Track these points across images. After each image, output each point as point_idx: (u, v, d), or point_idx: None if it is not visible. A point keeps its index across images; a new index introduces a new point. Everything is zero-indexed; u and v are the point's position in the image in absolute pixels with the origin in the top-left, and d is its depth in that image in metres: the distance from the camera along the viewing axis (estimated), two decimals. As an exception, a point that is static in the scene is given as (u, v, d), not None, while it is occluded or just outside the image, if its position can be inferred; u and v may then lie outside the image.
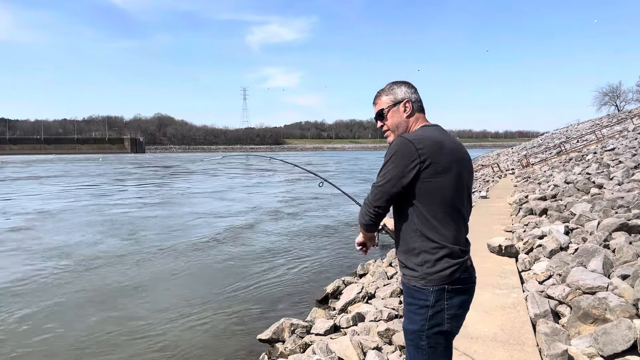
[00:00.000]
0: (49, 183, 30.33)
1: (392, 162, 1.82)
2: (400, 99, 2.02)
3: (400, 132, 2.02)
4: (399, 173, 1.81)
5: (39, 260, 9.61)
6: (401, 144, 1.82)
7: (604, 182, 9.54)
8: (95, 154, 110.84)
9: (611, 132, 26.93)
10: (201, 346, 5.44)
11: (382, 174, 1.85)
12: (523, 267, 5.64)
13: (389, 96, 2.04)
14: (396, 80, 2.09)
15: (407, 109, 2.02)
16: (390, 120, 2.04)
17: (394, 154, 1.82)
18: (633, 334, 3.12)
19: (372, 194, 1.89)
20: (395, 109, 2.03)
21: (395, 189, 1.84)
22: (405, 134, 1.93)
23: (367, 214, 1.92)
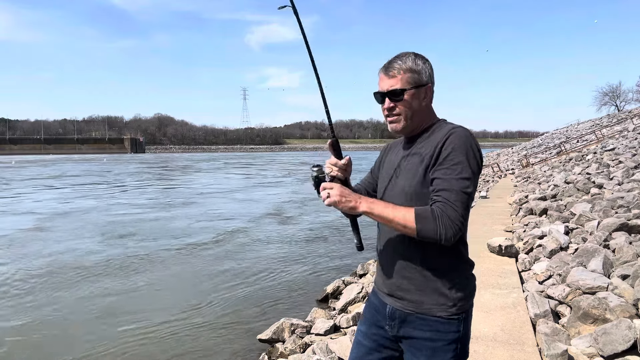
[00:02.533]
0: (66, 184, 30.31)
1: (473, 158, 1.47)
2: (425, 82, 1.59)
3: (415, 123, 1.61)
4: (476, 172, 1.48)
5: (43, 261, 9.61)
6: (469, 135, 1.50)
7: (604, 182, 9.55)
8: (95, 154, 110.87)
9: (611, 132, 26.94)
10: (201, 346, 5.44)
11: (462, 174, 1.43)
12: (523, 267, 5.64)
13: (413, 74, 1.57)
14: (419, 54, 1.63)
15: (428, 96, 1.62)
16: (407, 104, 1.58)
17: (470, 147, 1.47)
18: (633, 334, 3.12)
19: (459, 203, 1.41)
20: (416, 93, 1.58)
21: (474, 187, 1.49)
22: (451, 124, 1.60)
23: (454, 227, 1.40)
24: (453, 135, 1.49)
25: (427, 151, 1.53)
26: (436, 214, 1.40)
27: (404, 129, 1.62)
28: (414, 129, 1.63)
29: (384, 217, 1.47)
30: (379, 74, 1.63)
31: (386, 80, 1.59)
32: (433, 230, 1.40)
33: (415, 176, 1.55)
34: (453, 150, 1.46)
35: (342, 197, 1.51)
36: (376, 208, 1.48)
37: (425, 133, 1.62)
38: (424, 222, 1.41)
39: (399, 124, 1.61)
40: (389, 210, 1.47)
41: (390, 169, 1.72)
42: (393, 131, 1.64)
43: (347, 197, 1.51)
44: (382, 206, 1.49)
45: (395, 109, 1.60)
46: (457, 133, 1.50)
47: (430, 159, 1.51)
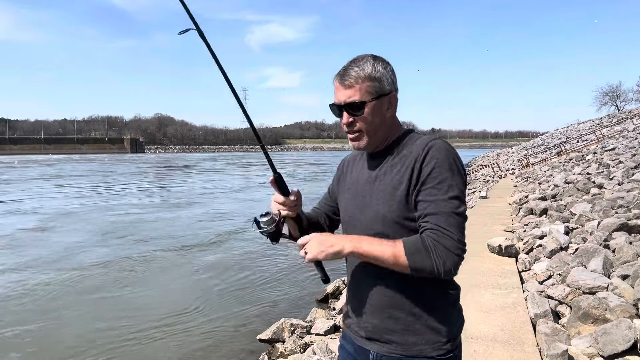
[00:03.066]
0: (70, 184, 30.30)
1: (458, 173, 1.29)
2: (388, 90, 1.38)
3: (380, 137, 1.42)
4: (464, 189, 1.32)
5: (44, 263, 9.61)
6: (450, 147, 1.33)
7: (604, 182, 9.55)
8: (95, 154, 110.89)
9: (611, 132, 26.94)
10: (202, 346, 5.45)
11: (450, 193, 1.26)
12: (523, 267, 5.64)
13: (373, 83, 1.35)
14: (378, 56, 1.42)
15: (393, 106, 1.42)
16: (369, 118, 1.37)
17: (453, 161, 1.30)
18: (633, 334, 3.12)
19: (454, 228, 1.23)
20: (378, 104, 1.37)
21: None
22: (425, 136, 1.42)
23: (452, 257, 1.22)
24: (433, 149, 1.30)
25: (404, 169, 1.33)
26: (428, 245, 1.21)
27: (368, 146, 1.42)
28: (379, 144, 1.43)
29: (373, 256, 1.27)
30: (333, 83, 1.41)
31: (342, 91, 1.37)
32: (429, 265, 1.21)
33: (393, 199, 1.33)
34: (436, 166, 1.27)
35: (323, 246, 1.30)
36: (363, 246, 1.28)
37: (395, 147, 1.42)
38: (417, 256, 1.22)
39: (362, 142, 1.41)
40: (376, 247, 1.26)
41: (355, 190, 1.49)
42: (356, 149, 1.45)
43: (327, 244, 1.30)
44: (367, 242, 1.28)
45: (356, 124, 1.38)
46: (437, 146, 1.31)
47: (410, 178, 1.31)
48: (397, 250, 1.24)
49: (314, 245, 1.32)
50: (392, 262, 1.25)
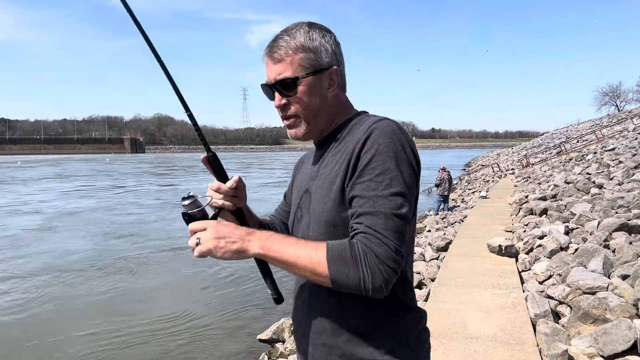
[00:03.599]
0: (75, 183, 30.30)
1: (405, 162, 1.03)
2: (327, 64, 1.13)
3: (321, 123, 1.17)
4: (413, 183, 1.04)
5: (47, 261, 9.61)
6: (397, 130, 1.06)
7: (604, 182, 9.54)
8: (95, 154, 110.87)
9: (611, 132, 26.94)
10: (202, 346, 5.45)
11: (391, 188, 0.99)
12: (523, 267, 5.64)
13: (307, 54, 1.11)
14: (316, 23, 1.17)
15: (336, 83, 1.16)
16: (306, 98, 1.12)
17: (400, 147, 1.03)
18: (633, 334, 3.12)
19: (391, 232, 0.96)
20: (315, 81, 1.12)
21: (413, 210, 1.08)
22: (374, 117, 1.15)
23: (385, 270, 0.94)
24: (375, 133, 1.03)
25: (343, 159, 1.08)
26: (357, 252, 0.94)
27: (307, 134, 1.17)
28: (321, 130, 1.19)
29: (285, 261, 0.98)
30: (263, 58, 1.16)
31: (272, 67, 1.12)
32: (354, 278, 0.93)
33: (329, 196, 1.08)
34: (377, 154, 1.01)
35: (220, 239, 1.00)
36: (274, 246, 0.99)
37: (339, 134, 1.17)
38: (340, 265, 0.94)
39: (300, 129, 1.16)
40: (291, 249, 0.98)
41: (298, 190, 1.26)
42: (293, 138, 1.19)
43: (227, 237, 1.00)
44: (281, 243, 1.00)
45: (290, 107, 1.14)
46: (380, 128, 1.04)
47: (346, 169, 1.05)
48: (316, 255, 0.96)
49: (209, 235, 1.01)
50: (309, 271, 0.97)
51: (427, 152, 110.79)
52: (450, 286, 5.02)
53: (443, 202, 14.06)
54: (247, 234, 1.02)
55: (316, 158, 1.23)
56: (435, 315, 4.17)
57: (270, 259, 1.01)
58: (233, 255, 1.00)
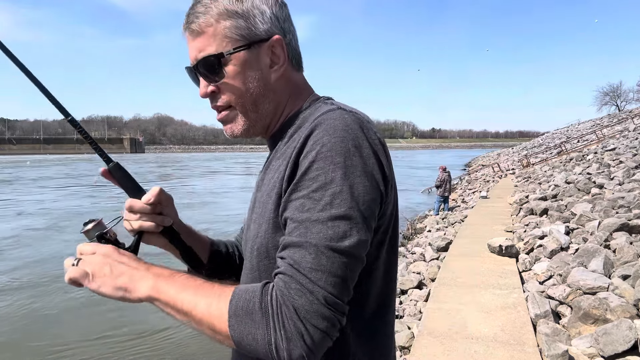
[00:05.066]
0: (82, 183, 30.32)
1: (360, 168, 0.74)
2: (265, 34, 0.84)
3: (264, 115, 0.89)
4: (372, 196, 0.74)
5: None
6: (352, 124, 0.77)
7: (605, 182, 9.54)
8: (95, 154, 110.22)
9: (612, 131, 26.94)
10: (202, 347, 5.44)
11: (332, 208, 0.71)
12: (523, 267, 5.63)
13: (235, 21, 0.83)
14: None
15: (281, 60, 0.87)
16: (236, 82, 0.85)
17: (353, 147, 0.74)
18: (634, 334, 3.12)
19: (321, 275, 0.68)
20: (248, 57, 0.84)
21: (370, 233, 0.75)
22: (327, 106, 0.83)
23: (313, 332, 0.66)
24: (320, 129, 0.75)
25: (284, 164, 0.81)
26: (269, 304, 0.68)
27: (246, 131, 0.89)
28: (267, 125, 0.91)
29: (178, 311, 0.72)
30: (183, 34, 0.88)
31: (192, 43, 0.85)
32: (262, 341, 0.66)
33: (263, 216, 0.82)
34: (317, 159, 0.73)
35: (104, 266, 0.76)
36: (169, 290, 0.73)
37: (288, 128, 0.89)
38: (244, 321, 0.68)
39: (236, 124, 0.88)
40: (188, 295, 0.72)
41: (250, 204, 0.98)
42: (230, 136, 0.91)
43: (114, 266, 0.76)
44: (179, 286, 0.73)
45: (220, 95, 0.86)
46: (327, 122, 0.76)
47: (282, 179, 0.78)
48: (217, 306, 0.70)
49: (92, 259, 0.78)
50: (207, 327, 0.71)
51: (428, 152, 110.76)
52: (451, 286, 5.01)
53: (443, 203, 14.06)
54: (144, 269, 0.76)
55: (266, 161, 0.95)
56: (435, 315, 4.17)
57: (163, 307, 0.74)
58: (114, 292, 0.75)
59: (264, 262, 0.82)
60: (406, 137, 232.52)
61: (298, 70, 0.93)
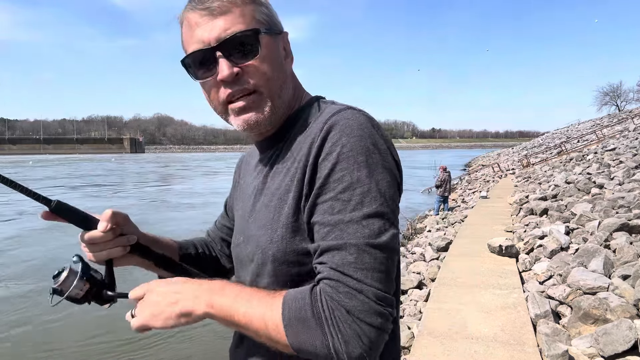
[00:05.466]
0: (90, 183, 30.31)
1: (380, 165, 0.75)
2: (280, 27, 0.87)
3: (283, 105, 0.86)
4: (394, 191, 0.77)
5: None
6: (366, 122, 0.78)
7: (605, 182, 9.54)
8: (95, 154, 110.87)
9: (612, 131, 26.93)
10: (202, 347, 5.44)
11: (364, 207, 0.72)
12: (523, 267, 5.63)
13: (260, 7, 0.83)
14: None
15: (289, 53, 0.89)
16: (266, 64, 0.81)
17: (372, 145, 0.76)
18: (634, 334, 3.12)
19: (370, 272, 0.70)
20: (274, 43, 0.84)
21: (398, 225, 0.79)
22: (331, 106, 0.85)
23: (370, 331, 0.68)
24: (336, 129, 0.76)
25: (296, 167, 0.80)
26: (320, 309, 0.69)
27: (269, 118, 0.84)
28: (280, 118, 0.87)
29: (236, 324, 0.73)
30: (185, 19, 0.82)
31: (211, 23, 0.78)
32: (322, 347, 0.68)
33: (278, 221, 0.80)
34: (340, 160, 0.74)
35: (161, 304, 0.76)
36: (225, 302, 0.74)
37: (291, 128, 0.87)
38: (300, 330, 0.69)
39: (260, 110, 0.82)
40: (242, 307, 0.73)
41: (243, 206, 0.96)
42: (249, 127, 0.84)
43: (170, 299, 0.76)
44: (232, 297, 0.74)
45: (245, 78, 0.80)
46: (342, 123, 0.76)
47: (301, 182, 0.78)
48: (271, 317, 0.71)
49: (147, 304, 0.78)
50: (266, 338, 0.72)
51: (428, 152, 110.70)
52: (451, 286, 5.01)
53: (443, 203, 14.05)
54: (194, 289, 0.76)
55: (261, 163, 0.92)
56: (435, 315, 4.17)
57: (220, 321, 0.74)
58: (178, 320, 0.75)
59: (282, 267, 0.80)
60: (406, 137, 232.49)
61: None
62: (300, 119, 0.87)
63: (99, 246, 0.88)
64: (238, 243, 0.95)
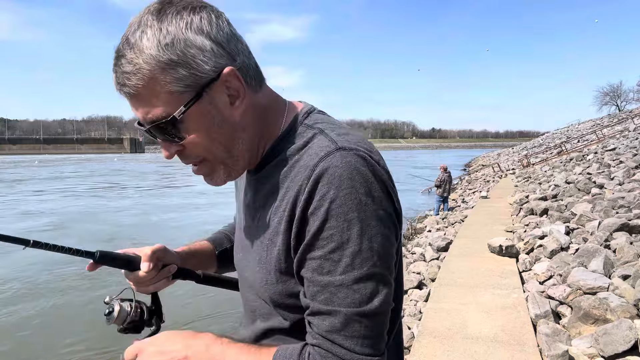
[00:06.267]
0: (99, 183, 30.33)
1: (374, 218, 0.70)
2: (212, 72, 0.71)
3: (240, 159, 0.80)
4: (389, 244, 0.73)
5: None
6: (360, 167, 0.70)
7: (605, 182, 9.53)
8: (95, 154, 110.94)
9: (612, 131, 26.93)
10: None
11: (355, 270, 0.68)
12: (524, 267, 5.63)
13: (172, 72, 0.69)
14: (171, 3, 0.71)
15: (238, 92, 0.75)
16: (201, 137, 0.75)
17: (365, 196, 0.69)
18: (634, 334, 3.11)
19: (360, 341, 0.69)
20: (204, 107, 0.72)
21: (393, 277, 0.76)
22: (322, 141, 0.76)
23: None
24: (325, 179, 0.69)
25: (284, 207, 0.75)
26: None
27: (228, 178, 0.82)
28: (246, 164, 0.82)
29: None
30: None
31: (132, 103, 0.73)
32: None
33: (269, 262, 0.78)
34: (330, 216, 0.68)
35: None
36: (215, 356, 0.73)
37: (278, 154, 0.80)
38: None
39: (216, 175, 0.81)
40: None
41: (239, 218, 0.95)
42: (214, 185, 0.84)
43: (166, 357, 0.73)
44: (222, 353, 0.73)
45: (187, 153, 0.77)
46: (332, 171, 0.69)
47: (288, 230, 0.74)
48: None
49: None
50: None
51: (428, 152, 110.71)
52: (451, 286, 5.01)
53: (443, 203, 14.04)
54: (185, 346, 0.73)
55: (250, 185, 0.87)
56: (435, 315, 4.17)
57: None
58: None
59: (278, 308, 0.81)
60: (406, 137, 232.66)
61: (261, 87, 0.80)
62: (286, 150, 0.79)
63: (145, 283, 0.94)
64: (239, 259, 0.94)
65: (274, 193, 0.79)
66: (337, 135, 0.76)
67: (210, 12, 0.72)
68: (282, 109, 0.83)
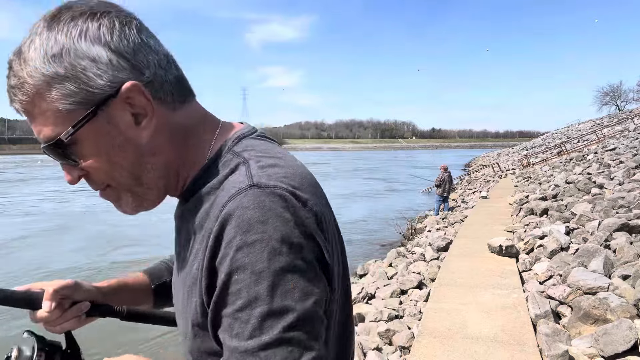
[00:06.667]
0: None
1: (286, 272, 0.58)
2: (108, 88, 0.61)
3: (153, 187, 0.69)
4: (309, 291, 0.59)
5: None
6: (273, 208, 0.59)
7: (605, 182, 9.53)
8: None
9: (612, 131, 26.94)
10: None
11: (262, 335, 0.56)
12: (524, 267, 5.63)
13: (58, 87, 0.59)
14: (67, 8, 0.62)
15: (145, 110, 0.64)
16: (98, 161, 0.64)
17: (282, 241, 0.58)
18: (634, 334, 3.11)
19: None
20: (99, 128, 0.62)
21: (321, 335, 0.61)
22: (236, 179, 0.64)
23: None
24: (231, 224, 0.59)
25: (197, 251, 0.66)
26: None
27: (138, 208, 0.71)
28: (163, 193, 0.72)
29: None
30: None
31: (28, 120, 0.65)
32: None
33: (189, 315, 0.68)
34: (235, 270, 0.58)
35: None
36: None
37: (202, 187, 0.69)
38: None
39: (124, 203, 0.70)
40: None
41: (174, 259, 0.82)
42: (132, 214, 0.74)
43: None
44: None
45: (90, 177, 0.67)
46: (237, 215, 0.59)
47: (201, 279, 0.63)
48: None
49: None
50: None
51: (428, 152, 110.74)
52: (451, 286, 5.01)
53: (443, 202, 14.04)
54: None
55: (176, 217, 0.77)
56: (435, 315, 4.17)
57: None
58: None
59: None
60: (406, 137, 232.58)
61: (183, 104, 0.69)
62: (208, 181, 0.68)
63: (50, 323, 0.83)
64: (175, 288, 0.79)
65: (195, 232, 0.68)
66: (259, 168, 0.64)
67: (114, 19, 0.62)
68: (212, 131, 0.72)
